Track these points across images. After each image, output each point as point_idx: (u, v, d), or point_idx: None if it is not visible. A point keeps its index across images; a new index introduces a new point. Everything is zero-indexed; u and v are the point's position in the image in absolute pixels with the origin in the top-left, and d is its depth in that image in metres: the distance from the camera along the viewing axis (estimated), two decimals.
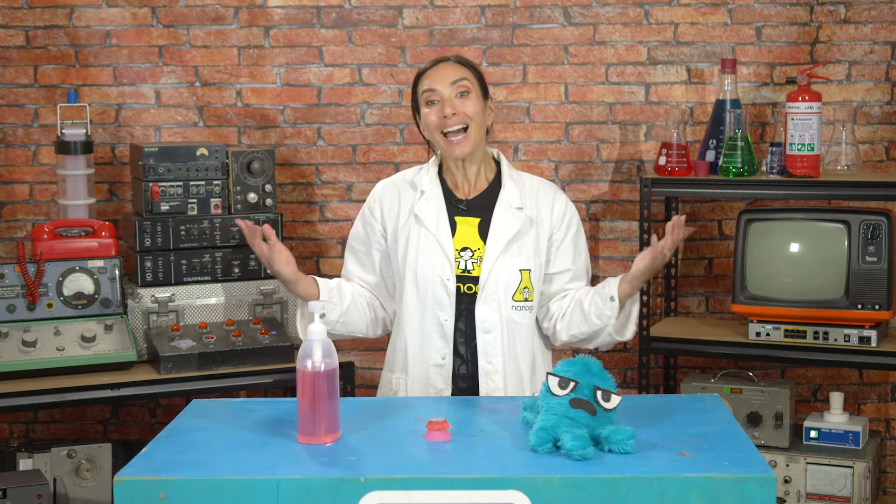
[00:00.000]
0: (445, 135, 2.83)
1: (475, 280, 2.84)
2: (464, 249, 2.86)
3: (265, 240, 2.84)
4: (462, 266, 2.84)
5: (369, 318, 2.97)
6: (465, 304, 2.85)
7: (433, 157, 2.97)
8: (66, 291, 3.54)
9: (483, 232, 2.87)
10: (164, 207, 3.67)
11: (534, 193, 2.93)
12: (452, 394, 2.86)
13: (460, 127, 2.82)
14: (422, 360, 2.87)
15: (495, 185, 2.92)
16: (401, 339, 2.91)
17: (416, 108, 2.94)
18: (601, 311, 2.82)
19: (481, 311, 2.83)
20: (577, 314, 2.87)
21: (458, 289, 2.83)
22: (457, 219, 2.89)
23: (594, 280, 4.18)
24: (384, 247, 2.95)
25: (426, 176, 2.93)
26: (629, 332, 2.87)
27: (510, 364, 2.86)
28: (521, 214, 2.87)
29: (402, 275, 2.89)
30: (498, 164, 2.97)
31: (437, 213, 2.87)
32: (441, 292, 2.83)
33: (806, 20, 4.12)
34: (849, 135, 3.94)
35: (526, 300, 2.87)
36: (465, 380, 2.87)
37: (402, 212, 2.91)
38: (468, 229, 2.88)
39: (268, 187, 3.77)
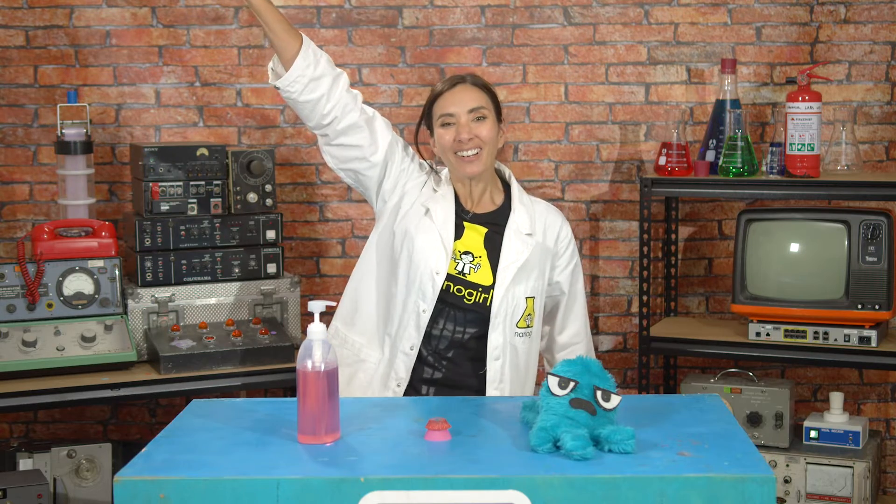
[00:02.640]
0: (458, 155, 2.86)
1: (466, 284, 2.84)
2: (466, 253, 2.87)
3: None
4: (459, 268, 2.85)
5: (344, 85, 2.92)
6: (449, 304, 2.85)
7: (446, 171, 2.99)
8: (66, 291, 3.54)
9: (488, 243, 2.88)
10: (164, 207, 3.67)
11: (542, 218, 2.95)
12: (407, 392, 2.88)
13: (474, 152, 2.85)
14: (394, 343, 2.88)
15: (505, 208, 2.94)
16: (386, 321, 2.90)
17: (429, 126, 2.95)
18: None
19: (493, 339, 2.85)
20: None
21: (447, 287, 2.84)
22: (465, 223, 2.90)
23: (594, 281, 4.19)
24: (382, 166, 2.93)
25: (443, 179, 2.96)
26: None
27: (517, 390, 2.89)
28: (531, 241, 2.89)
29: (398, 253, 2.89)
30: (507, 186, 2.99)
31: (446, 212, 2.89)
32: (427, 284, 2.83)
33: (806, 20, 4.12)
34: (849, 135, 3.94)
35: (528, 327, 2.90)
36: (434, 384, 2.89)
37: (420, 198, 2.92)
38: (475, 235, 2.89)
39: (268, 187, 3.77)
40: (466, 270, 2.85)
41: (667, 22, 4.14)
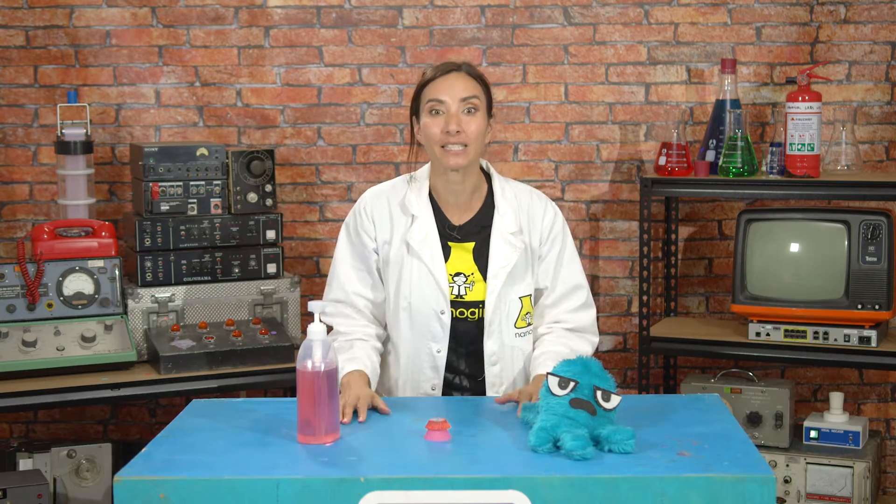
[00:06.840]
0: (444, 148, 2.73)
1: (467, 305, 2.78)
2: (457, 275, 2.79)
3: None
4: (455, 292, 2.78)
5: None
6: (460, 329, 2.79)
7: (423, 173, 2.87)
8: (66, 291, 3.54)
9: (478, 257, 2.80)
10: (164, 207, 3.67)
11: (525, 208, 2.84)
12: None
13: (460, 147, 2.72)
14: (412, 389, 2.82)
15: (488, 206, 2.83)
16: (393, 366, 2.86)
17: (414, 112, 2.83)
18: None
19: (489, 346, 2.79)
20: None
21: (450, 313, 2.78)
22: (451, 244, 2.81)
23: (594, 281, 4.19)
24: (377, 263, 2.86)
25: (416, 198, 2.82)
26: None
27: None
28: (518, 241, 2.80)
29: (395, 303, 2.81)
30: (488, 176, 2.88)
31: (431, 241, 2.78)
32: (435, 325, 2.77)
33: (806, 20, 4.12)
34: (849, 135, 3.94)
35: (528, 325, 2.84)
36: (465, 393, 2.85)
37: (395, 237, 2.81)
38: (462, 254, 2.81)
39: (268, 187, 3.77)
40: (462, 292, 2.78)
41: (667, 22, 4.14)
